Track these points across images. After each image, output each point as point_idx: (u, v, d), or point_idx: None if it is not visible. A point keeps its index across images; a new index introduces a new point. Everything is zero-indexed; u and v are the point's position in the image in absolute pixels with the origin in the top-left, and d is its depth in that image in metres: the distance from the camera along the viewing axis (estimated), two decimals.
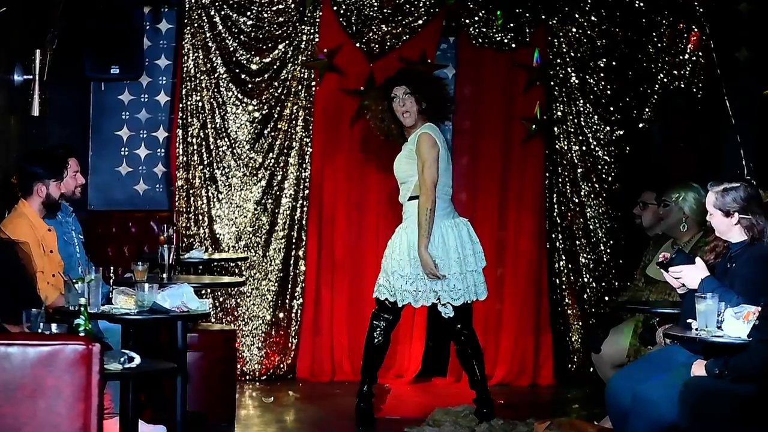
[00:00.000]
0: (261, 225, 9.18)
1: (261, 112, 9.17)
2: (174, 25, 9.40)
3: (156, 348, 6.79)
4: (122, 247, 9.20)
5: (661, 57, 9.27)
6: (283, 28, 9.15)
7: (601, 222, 9.29)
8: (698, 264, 5.66)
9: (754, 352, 5.23)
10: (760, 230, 5.58)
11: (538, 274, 9.24)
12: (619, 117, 9.31)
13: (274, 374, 9.21)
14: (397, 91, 7.48)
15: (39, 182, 6.85)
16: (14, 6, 7.25)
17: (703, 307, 5.38)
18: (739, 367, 5.31)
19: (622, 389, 5.82)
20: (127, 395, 5.96)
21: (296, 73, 9.17)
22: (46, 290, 6.50)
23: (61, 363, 4.35)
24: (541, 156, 9.28)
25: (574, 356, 9.28)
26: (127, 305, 5.94)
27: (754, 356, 5.23)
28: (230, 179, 9.16)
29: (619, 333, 7.56)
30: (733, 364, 5.33)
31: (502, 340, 9.21)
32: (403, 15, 9.16)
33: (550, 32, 9.25)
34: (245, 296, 9.17)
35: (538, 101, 9.26)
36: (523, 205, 9.26)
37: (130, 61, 8.91)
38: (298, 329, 9.20)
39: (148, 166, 9.51)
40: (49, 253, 6.76)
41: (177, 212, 9.14)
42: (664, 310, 6.61)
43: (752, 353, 5.23)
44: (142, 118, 9.50)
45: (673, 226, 7.41)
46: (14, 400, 4.33)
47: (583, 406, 8.42)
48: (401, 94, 7.47)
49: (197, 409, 7.20)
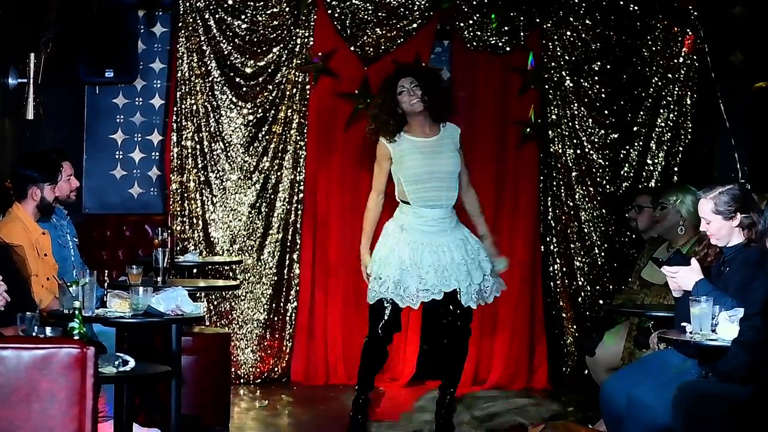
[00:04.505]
0: (255, 228, 9.18)
1: (255, 116, 9.18)
2: (168, 29, 9.40)
3: (150, 351, 6.80)
4: (117, 251, 9.19)
5: (656, 60, 9.28)
6: (278, 31, 9.15)
7: (595, 225, 9.30)
8: (693, 266, 5.66)
9: (731, 355, 5.23)
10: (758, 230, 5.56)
11: (532, 278, 9.24)
12: (613, 120, 9.32)
13: (269, 377, 9.21)
14: (404, 82, 7.28)
15: (33, 186, 6.84)
16: (8, 9, 7.25)
17: (698, 310, 5.38)
18: (720, 369, 5.32)
19: (617, 392, 5.83)
20: (121, 398, 5.96)
21: (291, 77, 9.17)
22: (40, 293, 6.50)
23: (55, 366, 4.34)
24: (536, 159, 9.29)
25: (569, 360, 9.28)
26: (122, 308, 5.94)
27: (731, 358, 5.23)
28: (225, 182, 9.16)
29: (614, 336, 7.56)
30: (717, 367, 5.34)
31: (496, 344, 9.21)
32: (397, 18, 9.16)
33: (544, 36, 9.25)
34: (240, 299, 9.16)
35: (532, 104, 9.26)
36: (518, 209, 9.26)
37: (125, 64, 8.92)
38: (292, 333, 9.20)
39: (143, 170, 9.50)
40: (43, 256, 6.76)
41: (171, 215, 9.14)
42: (659, 314, 6.61)
43: (730, 356, 5.24)
44: (137, 122, 9.49)
45: (670, 228, 7.41)
46: (8, 403, 4.32)
47: (578, 409, 8.42)
48: (409, 84, 7.27)
49: (191, 413, 7.20)
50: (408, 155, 7.25)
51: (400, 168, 7.27)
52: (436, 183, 7.26)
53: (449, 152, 7.32)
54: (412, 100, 7.25)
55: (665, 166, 9.31)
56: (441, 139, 7.33)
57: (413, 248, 7.20)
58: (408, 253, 7.19)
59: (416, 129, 7.32)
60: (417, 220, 7.25)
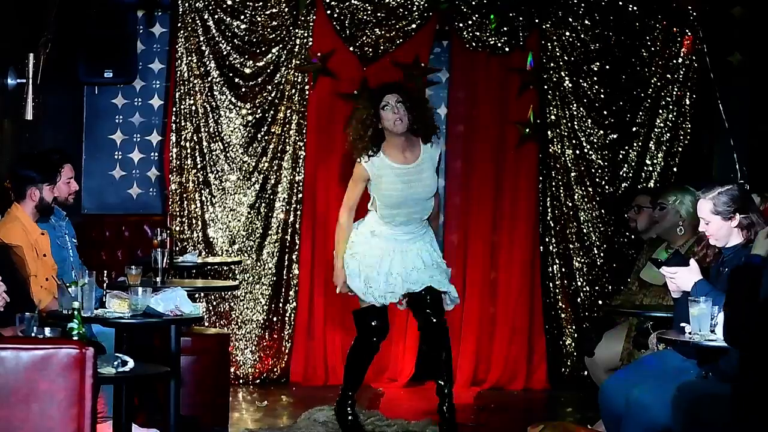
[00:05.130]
0: (254, 229, 9.18)
1: (254, 116, 9.18)
2: (167, 29, 9.40)
3: (149, 352, 6.79)
4: (115, 251, 9.19)
5: (655, 61, 9.28)
6: (277, 32, 9.15)
7: (594, 226, 9.30)
8: (692, 267, 5.65)
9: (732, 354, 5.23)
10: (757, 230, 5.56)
11: (531, 278, 9.24)
12: (612, 121, 9.32)
13: (268, 378, 9.21)
14: (390, 99, 7.23)
15: (32, 186, 6.84)
16: (7, 10, 7.25)
17: (697, 311, 5.38)
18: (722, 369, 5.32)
19: (616, 393, 5.83)
20: (120, 399, 5.95)
21: (290, 77, 9.17)
22: (39, 294, 6.50)
23: (54, 367, 4.34)
24: (535, 160, 9.28)
25: (568, 360, 9.28)
26: (121, 309, 5.94)
27: (732, 358, 5.24)
28: (224, 183, 9.16)
29: (613, 337, 7.56)
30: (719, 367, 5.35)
31: (495, 344, 9.21)
32: (396, 19, 9.16)
33: (543, 36, 9.25)
34: (239, 300, 9.16)
35: (531, 105, 9.26)
36: (517, 209, 9.26)
37: (124, 64, 8.92)
38: (291, 333, 9.20)
39: (142, 170, 9.50)
40: (42, 256, 6.76)
41: (170, 216, 9.14)
42: (658, 314, 6.61)
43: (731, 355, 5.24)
44: (136, 122, 9.49)
45: (669, 229, 7.40)
46: (7, 404, 4.32)
47: (577, 409, 8.43)
48: (393, 101, 7.22)
49: (190, 413, 7.19)
50: (386, 180, 7.23)
51: (378, 190, 7.27)
52: (413, 207, 7.29)
53: (428, 176, 7.29)
54: (395, 118, 7.19)
55: (664, 166, 9.31)
56: (421, 163, 7.28)
57: (384, 254, 7.27)
58: (377, 260, 7.26)
59: (395, 152, 7.26)
60: (388, 229, 7.30)
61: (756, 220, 5.60)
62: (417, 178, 7.26)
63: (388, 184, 7.22)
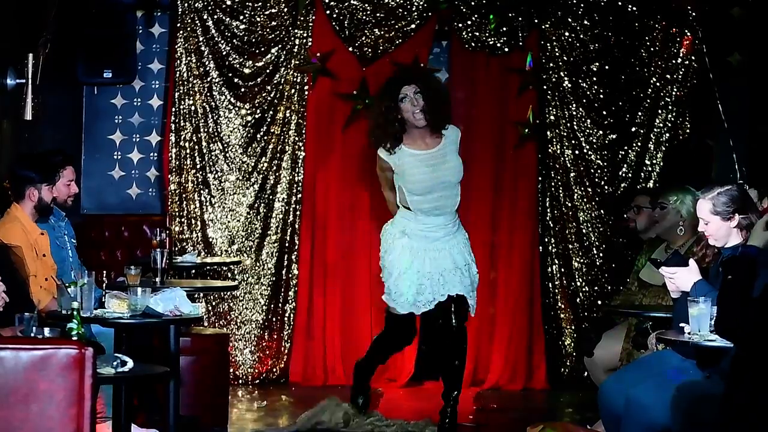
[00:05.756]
0: (254, 229, 9.18)
1: (254, 116, 9.18)
2: (167, 29, 9.40)
3: (149, 352, 6.79)
4: (115, 251, 9.19)
5: (654, 61, 9.28)
6: (276, 32, 9.15)
7: (594, 226, 9.30)
8: (692, 267, 5.66)
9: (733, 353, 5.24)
10: None
11: (530, 278, 9.24)
12: (611, 121, 9.32)
13: (267, 378, 9.21)
14: (408, 90, 7.21)
15: (31, 186, 6.85)
16: (7, 10, 7.25)
17: (696, 311, 5.39)
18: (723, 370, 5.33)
19: (615, 393, 5.83)
20: (119, 399, 5.95)
21: (289, 77, 9.17)
22: (38, 294, 6.50)
23: (53, 367, 4.34)
24: (534, 160, 9.28)
25: (567, 360, 9.28)
26: (120, 309, 5.95)
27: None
28: (223, 183, 9.16)
29: (612, 337, 7.56)
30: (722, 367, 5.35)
31: (494, 344, 9.21)
32: (395, 19, 9.16)
33: (543, 36, 9.25)
34: (238, 300, 9.16)
35: (530, 105, 9.26)
36: (516, 209, 9.26)
37: (123, 65, 8.92)
38: (290, 333, 9.20)
39: (141, 170, 9.51)
40: (41, 256, 6.76)
41: (170, 216, 9.14)
42: (657, 314, 6.61)
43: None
44: (135, 122, 9.50)
45: (670, 229, 7.40)
46: (6, 404, 4.32)
47: (576, 410, 8.42)
48: (412, 93, 7.20)
49: (190, 413, 7.19)
50: (411, 168, 7.22)
51: (403, 179, 7.25)
52: (441, 192, 7.26)
53: (453, 159, 7.29)
54: (415, 110, 7.18)
55: (663, 166, 9.31)
56: (444, 147, 7.29)
57: (414, 255, 7.21)
58: (408, 260, 7.21)
59: (417, 140, 7.28)
60: (419, 226, 7.25)
61: (755, 220, 5.60)
62: (442, 161, 7.25)
63: (412, 174, 7.21)
